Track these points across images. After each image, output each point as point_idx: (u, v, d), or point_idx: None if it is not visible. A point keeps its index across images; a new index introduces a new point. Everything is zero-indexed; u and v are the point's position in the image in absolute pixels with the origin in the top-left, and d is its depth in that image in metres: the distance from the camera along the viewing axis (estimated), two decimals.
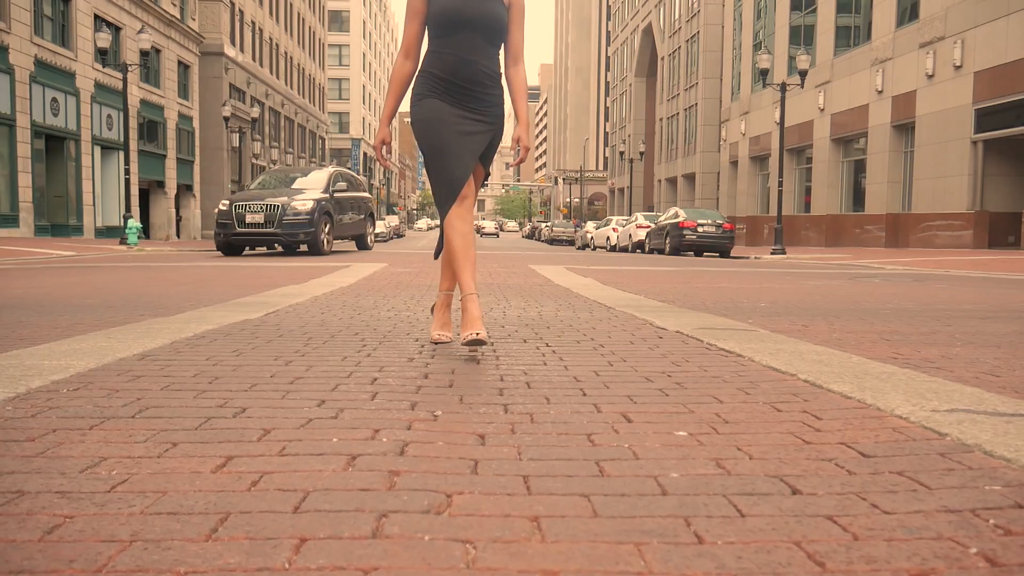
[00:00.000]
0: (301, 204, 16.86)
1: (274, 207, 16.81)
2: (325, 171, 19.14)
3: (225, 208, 17.36)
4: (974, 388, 2.48)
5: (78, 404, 2.11)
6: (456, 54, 3.36)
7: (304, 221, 16.65)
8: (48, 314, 5.04)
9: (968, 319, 5.31)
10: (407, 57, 3.50)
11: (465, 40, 3.35)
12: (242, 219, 17.03)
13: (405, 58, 3.50)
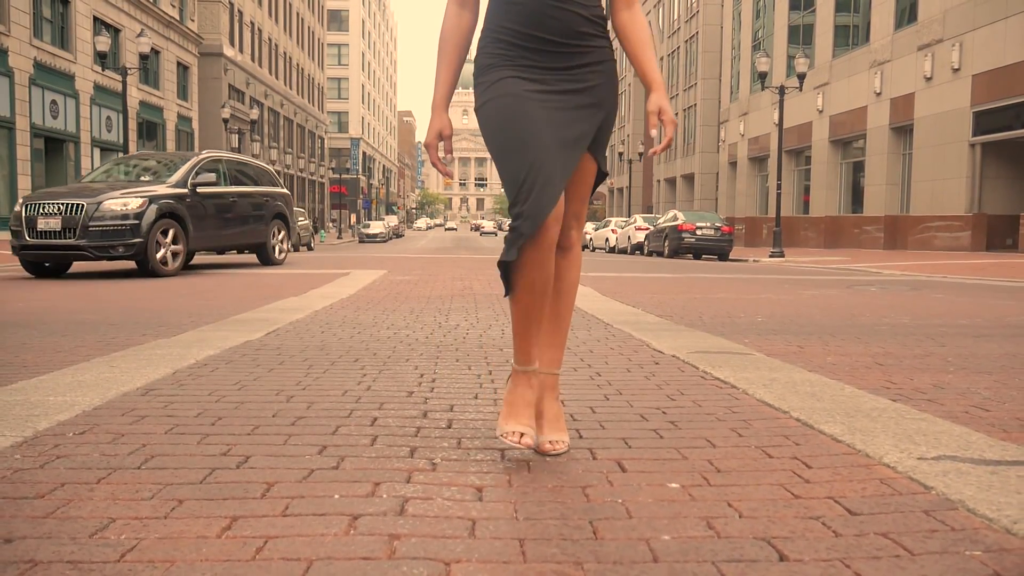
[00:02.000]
0: (120, 204, 11.65)
1: (76, 208, 11.55)
2: (192, 158, 13.36)
3: (17, 209, 12.01)
4: (962, 428, 2.53)
5: (85, 452, 2.16)
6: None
7: (123, 228, 11.54)
8: (50, 334, 5.08)
9: (962, 337, 5.36)
10: (463, 4, 2.37)
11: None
12: (33, 225, 11.64)
13: (460, 6, 2.36)
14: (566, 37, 2.24)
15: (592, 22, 2.28)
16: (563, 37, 2.24)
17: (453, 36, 2.35)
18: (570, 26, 2.23)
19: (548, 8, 2.21)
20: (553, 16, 2.21)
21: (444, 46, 2.36)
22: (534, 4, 2.21)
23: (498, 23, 2.26)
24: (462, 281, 10.99)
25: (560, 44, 2.24)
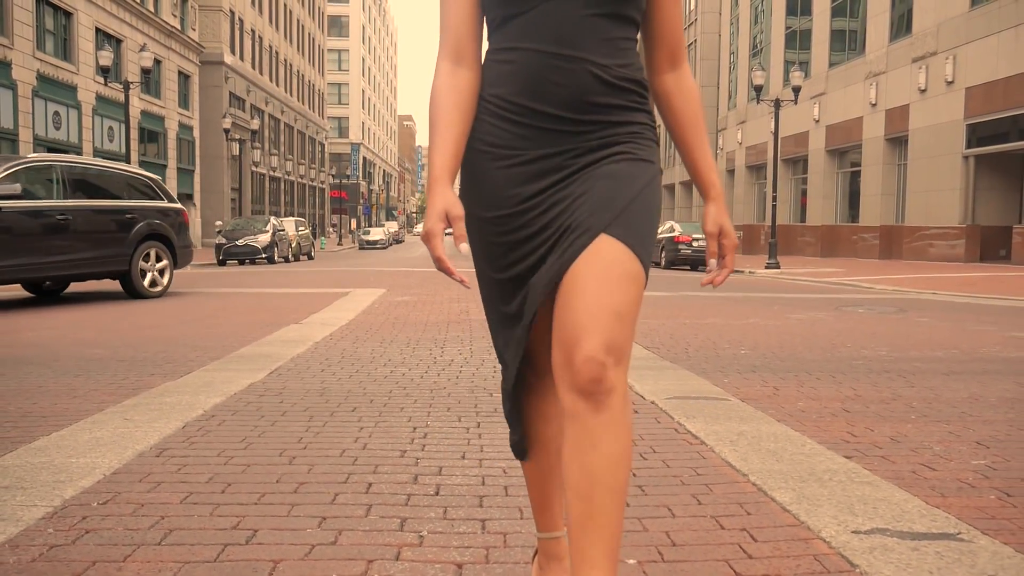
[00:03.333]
0: None
1: None
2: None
3: None
4: (903, 494, 2.79)
5: (110, 526, 2.42)
6: (539, 48, 1.59)
7: None
8: (64, 374, 5.35)
9: (933, 375, 5.62)
10: (458, 60, 1.70)
11: (554, 14, 1.59)
12: None
13: (455, 63, 1.70)
14: (575, 110, 1.59)
15: (617, 88, 1.61)
16: (571, 111, 1.59)
17: (449, 96, 1.66)
18: (582, 93, 1.58)
19: (549, 69, 1.57)
20: (556, 81, 1.57)
21: (437, 111, 1.66)
22: (530, 62, 1.58)
23: (488, 89, 1.67)
24: (459, 303, 11.25)
25: (567, 120, 1.60)
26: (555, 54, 1.58)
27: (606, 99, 1.61)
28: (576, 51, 1.58)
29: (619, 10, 1.60)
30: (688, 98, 1.75)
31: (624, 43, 1.63)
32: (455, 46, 1.69)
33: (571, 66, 1.58)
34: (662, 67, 1.74)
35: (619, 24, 1.61)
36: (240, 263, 27.00)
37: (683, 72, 1.75)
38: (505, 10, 1.63)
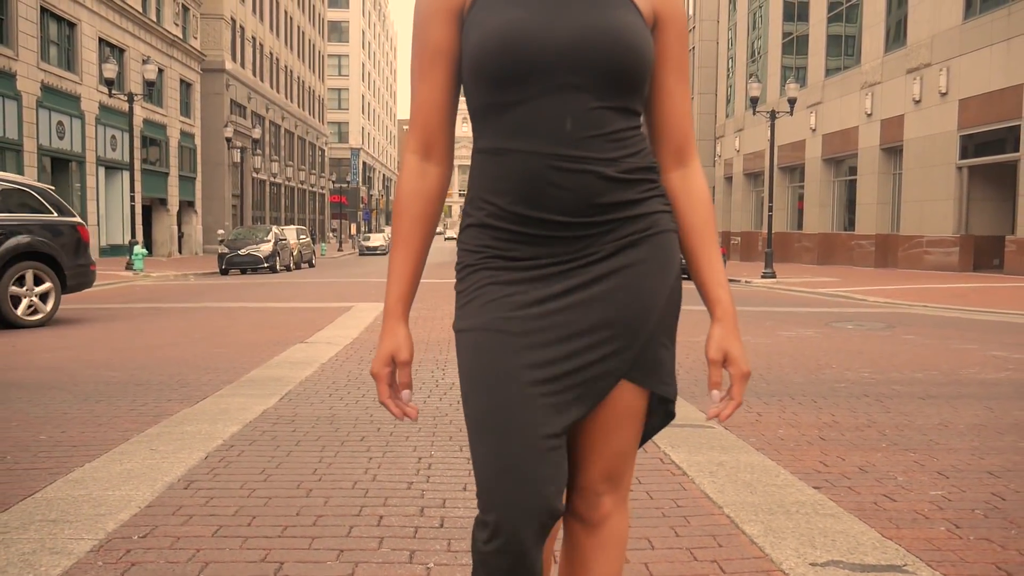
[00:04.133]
0: None
1: None
2: None
3: None
4: (861, 526, 3.10)
5: (152, 559, 2.73)
6: (535, 149, 1.42)
7: None
8: (85, 399, 5.66)
9: (910, 399, 5.93)
10: (427, 154, 1.55)
11: (551, 109, 1.42)
12: None
13: (423, 157, 1.55)
14: (582, 215, 1.43)
15: (627, 182, 1.45)
16: (577, 215, 1.43)
17: (413, 203, 1.53)
18: (588, 196, 1.42)
19: (549, 172, 1.40)
20: (558, 184, 1.41)
21: (399, 221, 1.54)
22: (526, 165, 1.41)
23: (480, 193, 1.48)
24: None
25: (573, 226, 1.43)
26: (555, 155, 1.40)
27: (615, 196, 1.44)
28: (579, 150, 1.41)
29: (624, 103, 1.45)
30: (696, 201, 1.54)
31: (630, 133, 1.47)
32: (424, 138, 1.52)
33: (574, 167, 1.40)
34: (667, 164, 1.55)
35: (624, 116, 1.46)
36: (242, 272, 27.31)
37: (691, 170, 1.56)
38: (492, 99, 1.44)
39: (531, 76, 1.40)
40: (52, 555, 2.74)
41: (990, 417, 5.34)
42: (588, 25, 1.41)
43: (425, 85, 1.51)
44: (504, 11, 1.42)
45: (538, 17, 1.41)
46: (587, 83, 1.41)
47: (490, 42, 1.40)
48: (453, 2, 1.47)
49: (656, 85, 1.52)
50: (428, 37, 1.49)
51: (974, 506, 3.45)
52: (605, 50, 1.40)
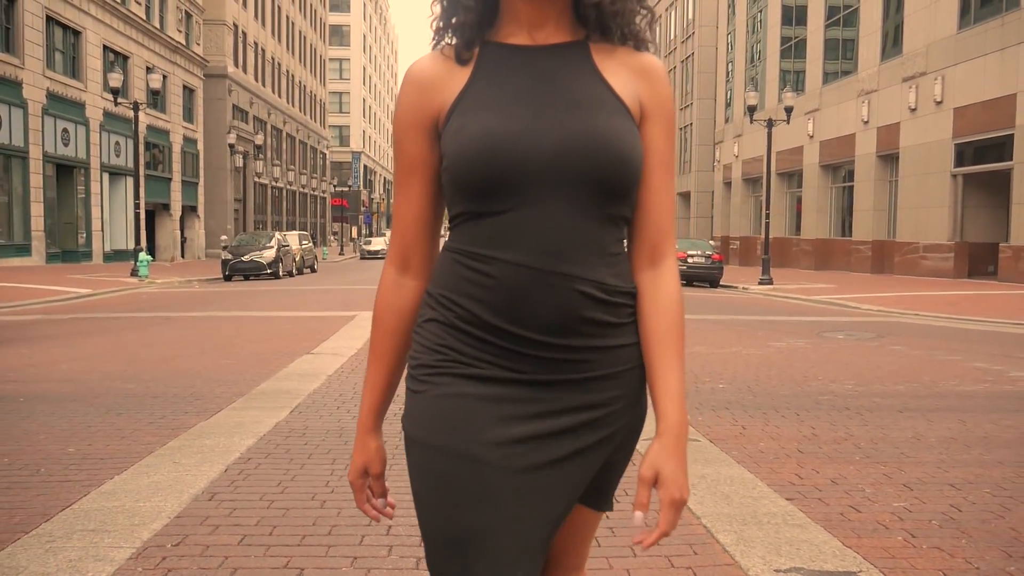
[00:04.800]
0: None
1: None
2: None
3: None
4: (825, 535, 3.43)
5: (186, 565, 3.06)
6: (519, 261, 1.35)
7: None
8: (105, 411, 5.98)
9: (888, 412, 6.25)
10: (404, 267, 1.51)
11: (537, 220, 1.36)
12: None
13: (400, 270, 1.51)
14: (561, 334, 1.36)
15: (611, 304, 1.40)
16: (556, 335, 1.36)
17: (388, 318, 1.50)
18: (571, 313, 1.36)
19: (532, 287, 1.34)
20: (541, 300, 1.35)
21: (375, 333, 1.52)
22: (508, 278, 1.35)
23: (449, 293, 1.40)
24: None
25: (549, 346, 1.37)
26: (538, 270, 1.34)
27: (597, 317, 1.37)
28: (565, 266, 1.34)
29: (615, 211, 1.39)
30: (664, 305, 1.43)
31: (618, 247, 1.42)
32: (402, 251, 1.49)
33: (559, 283, 1.34)
34: (640, 263, 1.45)
35: (612, 226, 1.40)
36: (245, 278, 27.62)
37: (664, 271, 1.45)
38: (470, 208, 1.38)
39: (512, 187, 1.34)
40: (96, 562, 3.07)
41: (961, 430, 5.65)
42: (573, 132, 1.34)
43: (403, 198, 1.48)
44: (482, 119, 1.36)
45: (519, 124, 1.35)
46: (573, 193, 1.35)
47: (468, 153, 1.34)
48: (427, 115, 1.42)
49: (640, 180, 1.42)
50: (404, 150, 1.45)
51: (931, 517, 3.77)
52: (592, 159, 1.34)
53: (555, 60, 1.41)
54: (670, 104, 1.45)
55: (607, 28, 1.43)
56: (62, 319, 13.37)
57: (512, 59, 1.42)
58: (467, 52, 1.43)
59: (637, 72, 1.44)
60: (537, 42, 1.42)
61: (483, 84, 1.40)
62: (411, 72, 1.45)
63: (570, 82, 1.40)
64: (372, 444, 1.52)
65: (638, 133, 1.41)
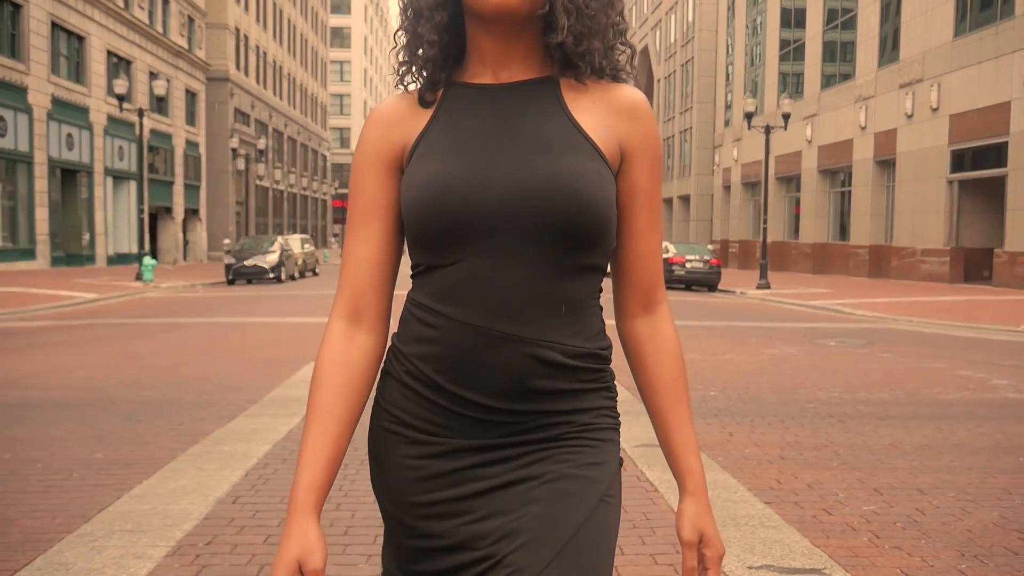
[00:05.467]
0: None
1: None
2: None
3: None
4: (797, 536, 3.75)
5: (218, 563, 3.39)
6: (466, 320, 1.25)
7: None
8: (126, 419, 6.32)
9: (870, 420, 6.58)
10: (355, 320, 1.34)
11: (488, 273, 1.25)
12: None
13: (351, 323, 1.34)
14: (511, 400, 1.25)
15: (569, 369, 1.27)
16: (506, 400, 1.25)
17: (335, 375, 1.31)
18: (522, 380, 1.25)
19: (480, 349, 1.24)
20: (490, 364, 1.24)
21: (316, 394, 1.31)
22: (455, 338, 1.25)
23: (403, 345, 1.33)
24: None
25: (499, 411, 1.26)
26: (488, 331, 1.23)
27: (554, 384, 1.25)
28: (518, 328, 1.23)
29: (581, 262, 1.26)
30: (664, 353, 1.36)
31: (583, 304, 1.29)
32: (352, 300, 1.33)
33: (507, 346, 1.23)
34: (633, 310, 1.37)
35: (578, 279, 1.27)
36: (248, 282, 27.95)
37: (660, 317, 1.38)
38: (425, 259, 1.29)
39: (463, 238, 1.23)
40: (136, 559, 3.40)
41: (937, 437, 5.98)
42: (530, 176, 1.23)
43: (359, 242, 1.33)
44: (433, 164, 1.26)
45: (471, 169, 1.24)
46: (529, 244, 1.22)
47: (416, 202, 1.25)
48: (389, 154, 1.33)
49: (624, 224, 1.33)
50: (363, 189, 1.34)
51: (896, 519, 4.10)
52: (548, 204, 1.21)
53: (519, 99, 1.31)
54: (655, 141, 1.34)
55: (576, 67, 1.32)
56: (73, 325, 13.70)
57: (474, 99, 1.32)
58: (431, 93, 1.35)
59: (615, 109, 1.32)
60: (502, 80, 1.32)
61: (441, 126, 1.31)
62: (375, 112, 1.38)
63: (533, 122, 1.29)
64: (311, 531, 1.24)
65: (609, 175, 1.27)
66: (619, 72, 1.36)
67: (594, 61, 1.31)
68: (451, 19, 1.31)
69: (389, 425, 1.31)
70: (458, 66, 1.36)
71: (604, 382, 1.32)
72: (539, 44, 1.32)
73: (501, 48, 1.31)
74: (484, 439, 1.27)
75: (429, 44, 1.32)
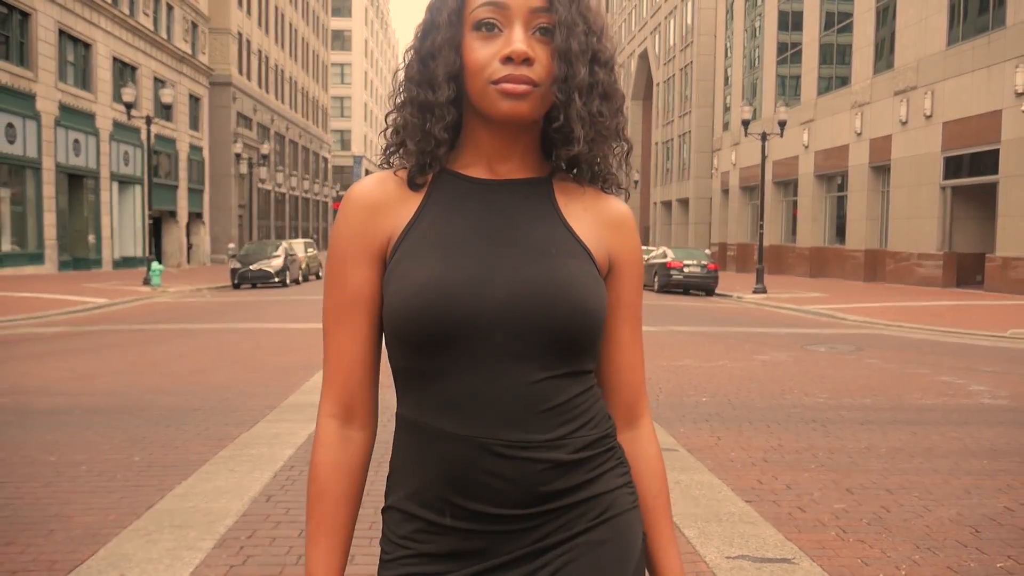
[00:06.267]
0: None
1: None
2: None
3: None
4: (772, 530, 4.22)
5: (260, 553, 3.85)
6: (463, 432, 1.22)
7: None
8: (155, 423, 6.78)
9: (851, 424, 7.04)
10: (348, 418, 1.32)
11: (483, 383, 1.22)
12: None
13: (344, 422, 1.31)
14: (520, 506, 1.23)
15: (579, 463, 1.25)
16: (515, 508, 1.23)
17: (337, 481, 1.29)
18: (532, 486, 1.22)
19: (486, 457, 1.21)
20: (497, 473, 1.21)
21: (319, 502, 1.30)
22: (453, 453, 1.22)
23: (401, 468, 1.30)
24: None
25: (510, 519, 1.23)
26: (490, 439, 1.21)
27: (565, 483, 1.24)
28: (520, 433, 1.21)
29: (575, 367, 1.27)
30: (647, 470, 1.36)
31: (581, 400, 1.28)
32: (344, 399, 1.31)
33: (514, 455, 1.21)
34: (616, 424, 1.36)
35: (575, 381, 1.27)
36: (253, 286, 28.40)
37: (642, 432, 1.38)
38: (413, 364, 1.25)
39: (458, 345, 1.20)
40: (188, 551, 3.86)
41: (910, 441, 6.45)
42: (528, 280, 1.23)
43: (344, 337, 1.29)
44: (426, 264, 1.23)
45: (469, 273, 1.22)
46: (529, 351, 1.22)
47: (408, 303, 1.21)
48: (375, 242, 1.29)
49: (607, 336, 1.34)
50: (346, 280, 1.28)
51: (863, 516, 4.56)
52: (549, 311, 1.21)
53: (514, 198, 1.31)
54: (639, 255, 1.37)
55: (578, 168, 1.34)
56: (89, 331, 14.16)
57: (468, 194, 1.30)
58: (421, 177, 1.32)
59: (605, 221, 1.34)
60: (497, 176, 1.31)
61: (432, 219, 1.28)
62: (356, 193, 1.31)
63: (528, 223, 1.29)
64: None
65: (602, 281, 1.30)
66: (610, 184, 1.38)
67: (600, 167, 1.35)
68: (460, 115, 1.32)
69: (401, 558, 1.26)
70: (450, 150, 1.33)
71: (616, 459, 1.31)
72: (538, 142, 1.34)
73: (501, 145, 1.31)
74: (504, 555, 1.23)
75: (439, 143, 1.29)
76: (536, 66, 1.22)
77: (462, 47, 1.26)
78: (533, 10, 1.23)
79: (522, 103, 1.22)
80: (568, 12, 1.24)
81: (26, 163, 28.99)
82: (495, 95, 1.22)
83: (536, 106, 1.24)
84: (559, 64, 1.23)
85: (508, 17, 1.23)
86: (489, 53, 1.23)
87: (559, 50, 1.23)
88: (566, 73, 1.24)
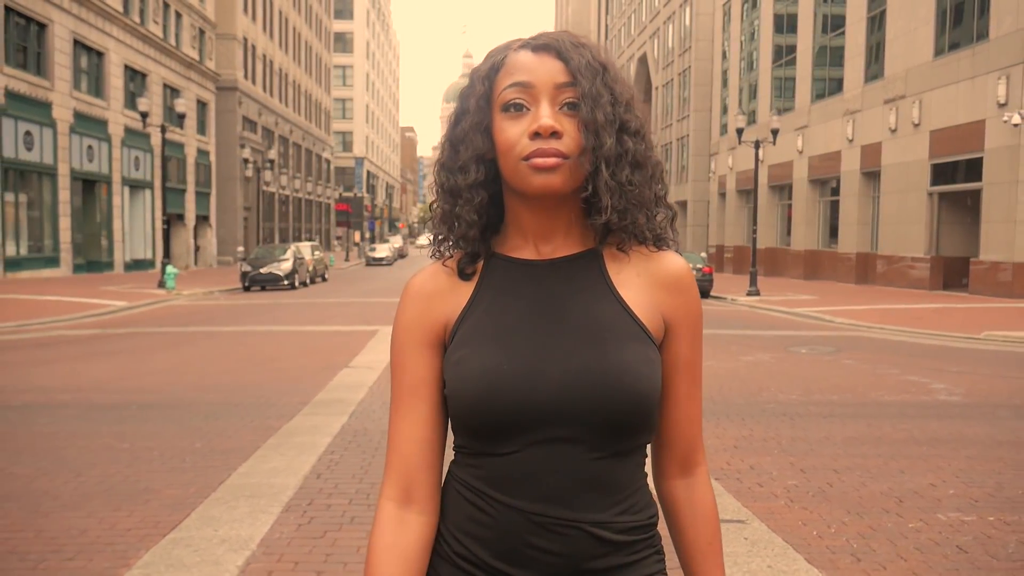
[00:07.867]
0: None
1: None
2: None
3: None
4: (732, 500, 5.18)
5: (320, 515, 4.81)
6: (519, 506, 1.28)
7: None
8: (205, 417, 7.75)
9: (818, 418, 8.00)
10: (407, 501, 1.34)
11: (542, 463, 1.28)
12: None
13: (402, 504, 1.34)
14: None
15: (622, 544, 1.30)
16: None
17: (388, 564, 1.30)
18: (577, 561, 1.28)
19: (534, 530, 1.27)
20: (543, 547, 1.27)
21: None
22: (508, 523, 1.28)
23: (452, 524, 1.34)
24: None
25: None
26: (539, 515, 1.26)
27: (607, 561, 1.29)
28: (571, 513, 1.26)
29: (630, 446, 1.30)
30: (701, 517, 1.39)
31: (632, 480, 1.31)
32: (404, 482, 1.33)
33: (562, 529, 1.26)
34: (671, 471, 1.41)
35: (626, 462, 1.30)
36: (262, 288, 29.37)
37: (697, 480, 1.41)
38: (474, 445, 1.31)
39: (512, 431, 1.26)
40: (263, 513, 4.83)
41: (864, 432, 7.41)
42: (582, 369, 1.26)
43: (405, 421, 1.34)
44: (481, 353, 1.29)
45: (522, 362, 1.27)
46: (583, 435, 1.26)
47: (466, 394, 1.28)
48: (432, 331, 1.35)
49: (665, 392, 1.37)
50: (406, 366, 1.35)
51: (810, 490, 5.53)
52: (601, 401, 1.25)
53: (564, 277, 1.33)
54: (697, 312, 1.37)
55: (620, 238, 1.34)
56: (118, 334, 15.14)
57: (518, 277, 1.34)
58: (471, 267, 1.37)
59: (660, 281, 1.36)
60: (544, 256, 1.35)
61: (485, 306, 1.34)
62: (412, 287, 1.38)
63: (581, 305, 1.31)
64: None
65: (657, 358, 1.32)
66: (662, 239, 1.37)
67: (638, 232, 1.33)
68: (491, 196, 1.34)
69: None
70: (496, 234, 1.38)
71: (654, 547, 1.34)
72: (581, 217, 1.34)
73: (543, 222, 1.33)
74: None
75: (468, 224, 1.33)
76: (565, 139, 1.26)
77: (492, 130, 1.31)
78: (558, 86, 1.27)
79: (553, 176, 1.25)
80: (593, 85, 1.27)
81: (43, 169, 29.97)
82: (527, 171, 1.26)
83: (567, 178, 1.27)
84: (586, 135, 1.26)
85: (534, 96, 1.27)
86: (518, 131, 1.27)
87: (585, 121, 1.26)
88: (593, 143, 1.26)
